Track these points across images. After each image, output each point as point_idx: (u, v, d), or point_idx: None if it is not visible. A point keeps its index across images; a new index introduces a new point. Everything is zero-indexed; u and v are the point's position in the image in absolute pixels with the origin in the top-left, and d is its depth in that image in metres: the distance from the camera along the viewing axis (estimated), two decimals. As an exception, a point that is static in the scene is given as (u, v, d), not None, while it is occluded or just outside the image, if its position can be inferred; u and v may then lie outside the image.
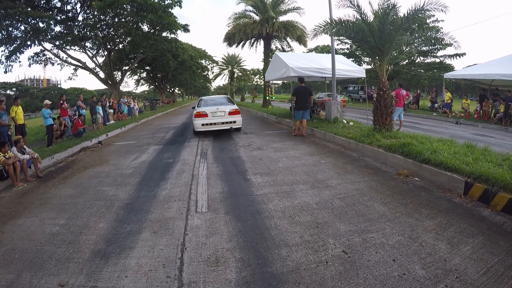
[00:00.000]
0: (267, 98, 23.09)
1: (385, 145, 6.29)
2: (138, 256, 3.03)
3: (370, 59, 8.73)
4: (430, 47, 23.31)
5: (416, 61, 25.80)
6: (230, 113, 10.49)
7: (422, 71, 25.57)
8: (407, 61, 25.00)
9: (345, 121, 10.19)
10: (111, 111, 17.72)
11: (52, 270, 2.88)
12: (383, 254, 2.83)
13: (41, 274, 2.83)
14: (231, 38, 23.29)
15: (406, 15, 6.70)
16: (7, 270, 2.95)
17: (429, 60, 25.52)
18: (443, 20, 22.23)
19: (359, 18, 7.17)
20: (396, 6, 6.67)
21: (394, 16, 6.78)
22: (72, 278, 2.73)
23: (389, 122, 7.59)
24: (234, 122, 10.53)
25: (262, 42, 24.08)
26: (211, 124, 10.31)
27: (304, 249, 2.99)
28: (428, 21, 20.80)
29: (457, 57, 22.91)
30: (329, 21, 7.49)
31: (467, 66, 17.59)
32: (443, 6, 6.31)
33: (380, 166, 5.87)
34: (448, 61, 24.55)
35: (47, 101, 10.74)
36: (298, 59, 11.56)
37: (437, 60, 24.87)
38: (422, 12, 6.57)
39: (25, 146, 7.00)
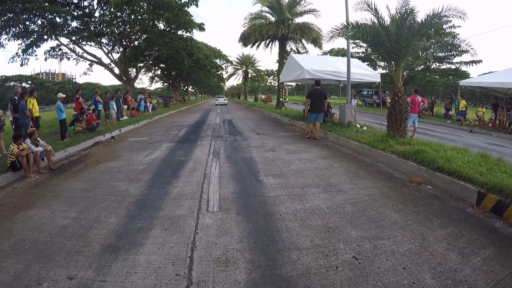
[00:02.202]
0: (281, 99, 23.04)
1: (399, 151, 6.22)
2: (148, 252, 3.04)
3: (385, 63, 8.60)
4: (446, 53, 22.85)
5: (432, 67, 25.34)
6: (224, 100, 42.30)
7: (437, 77, 25.08)
8: (422, 66, 24.57)
9: (359, 126, 10.11)
10: (125, 107, 18.04)
11: (62, 263, 2.90)
12: (394, 262, 2.80)
13: (50, 265, 2.86)
14: (246, 38, 23.34)
15: (423, 20, 6.60)
16: (16, 260, 2.99)
17: (444, 66, 25.04)
18: (459, 26, 21.86)
19: (376, 22, 7.10)
20: (414, 11, 6.57)
21: (411, 21, 6.68)
22: (81, 271, 2.74)
23: (403, 128, 7.49)
24: (225, 103, 40.33)
25: (277, 43, 24.07)
26: (217, 103, 40.08)
27: (314, 253, 2.99)
28: (444, 26, 20.44)
29: (473, 64, 22.48)
30: (345, 24, 7.43)
31: (483, 74, 17.18)
32: (461, 12, 6.20)
33: (393, 173, 5.80)
34: (464, 68, 24.08)
35: (61, 94, 10.92)
36: (314, 62, 11.51)
37: (453, 66, 24.36)
38: (440, 18, 6.45)
39: (38, 139, 7.13)
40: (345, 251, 3.01)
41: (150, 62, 29.11)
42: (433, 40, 7.17)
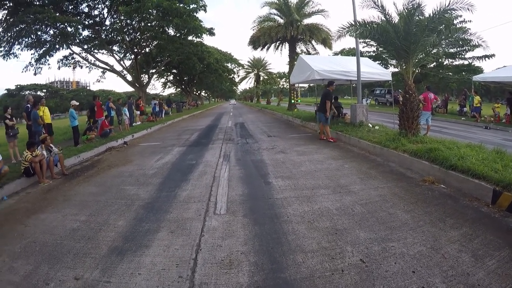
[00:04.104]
0: (292, 101, 22.94)
1: (411, 150, 6.04)
2: (153, 254, 3.07)
3: (395, 61, 8.41)
4: (458, 49, 22.27)
5: (444, 63, 24.69)
6: (234, 102, 73.33)
7: (451, 74, 24.37)
8: (434, 63, 23.98)
9: (371, 125, 9.91)
10: (138, 112, 18.38)
11: (69, 264, 2.97)
12: (403, 265, 2.69)
13: (58, 266, 2.94)
14: (256, 41, 23.40)
15: (431, 15, 6.42)
16: (26, 262, 3.09)
17: (457, 62, 24.37)
18: (470, 21, 21.26)
19: (383, 19, 6.96)
20: (421, 6, 6.40)
21: (419, 17, 6.51)
22: (87, 272, 2.81)
23: (415, 126, 7.29)
24: (235, 103, 66.08)
25: (287, 45, 23.99)
26: (230, 104, 63.20)
27: (320, 256, 2.91)
28: (455, 21, 19.89)
29: (486, 58, 21.71)
30: (352, 22, 7.31)
31: (497, 69, 16.59)
32: (469, 5, 6.00)
33: (405, 172, 5.63)
34: (477, 63, 23.32)
35: (74, 102, 11.19)
36: (323, 62, 11.40)
37: (466, 62, 23.66)
38: (448, 12, 6.27)
39: (51, 145, 7.32)
40: (352, 253, 2.92)
41: (162, 68, 29.58)
42: (443, 35, 6.93)
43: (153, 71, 26.17)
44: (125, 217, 4.11)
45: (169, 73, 37.69)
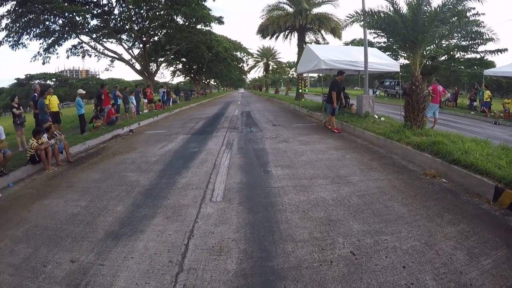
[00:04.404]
0: (300, 91, 22.69)
1: (414, 142, 5.88)
2: (147, 239, 3.13)
3: (402, 51, 8.15)
4: (470, 42, 21.49)
5: (456, 56, 23.96)
6: (243, 91, 70.20)
7: (463, 67, 23.65)
8: (446, 56, 23.29)
9: (377, 116, 9.71)
10: (146, 101, 18.46)
11: (67, 247, 3.07)
12: (394, 259, 2.62)
13: (56, 250, 3.04)
14: (264, 30, 23.12)
15: (440, 5, 6.15)
16: (27, 245, 3.20)
17: (469, 55, 23.60)
18: (483, 14, 20.31)
19: (391, 8, 6.71)
20: None
21: (427, 7, 6.26)
22: (83, 255, 2.90)
23: (420, 118, 7.09)
24: (243, 92, 64.22)
25: (296, 34, 23.64)
26: (239, 92, 61.93)
27: (310, 246, 2.88)
28: (468, 14, 19.20)
29: (499, 52, 20.85)
30: (359, 11, 7.06)
31: (510, 63, 15.97)
32: None
33: (407, 165, 5.51)
34: (489, 57, 22.48)
35: (81, 90, 11.32)
36: (330, 52, 11.14)
37: (478, 56, 22.90)
38: (457, 2, 5.98)
39: (55, 133, 7.40)
40: (343, 245, 2.88)
41: (172, 56, 29.49)
42: (452, 27, 6.62)
43: (162, 59, 26.09)
44: (124, 202, 4.18)
45: (178, 62, 37.58)
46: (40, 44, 17.90)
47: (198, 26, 22.23)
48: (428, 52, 7.38)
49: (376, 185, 4.46)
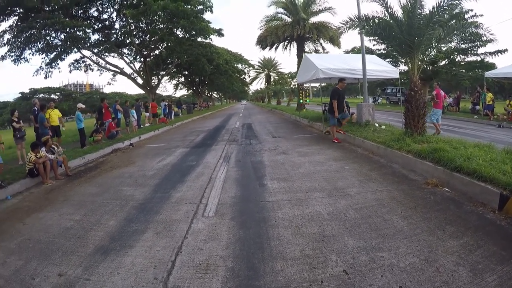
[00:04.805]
0: (301, 101, 22.64)
1: (415, 150, 5.68)
2: (135, 255, 3.09)
3: (399, 56, 8.02)
4: (470, 44, 21.42)
5: (456, 59, 23.83)
6: (245, 102, 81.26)
7: (464, 71, 23.45)
8: (446, 60, 23.18)
9: (377, 125, 9.53)
10: (147, 114, 18.53)
11: (57, 261, 3.08)
12: (390, 279, 2.43)
13: (46, 263, 3.06)
14: (263, 41, 23.25)
15: (435, 7, 6.06)
16: (18, 257, 3.24)
17: (470, 58, 23.46)
18: (482, 15, 20.29)
19: (386, 12, 6.63)
20: None
21: (421, 10, 6.17)
22: (71, 269, 2.90)
23: (421, 125, 6.90)
24: (246, 104, 73.47)
25: (295, 44, 23.71)
26: (242, 104, 74.27)
27: (301, 265, 2.71)
28: (466, 16, 19.17)
29: (499, 54, 20.72)
30: (352, 17, 6.99)
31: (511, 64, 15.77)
32: None
33: (408, 174, 5.30)
34: (490, 59, 22.32)
35: (80, 105, 11.46)
36: (328, 60, 11.08)
37: (478, 58, 22.75)
38: (452, 2, 5.89)
39: (53, 146, 7.46)
40: (336, 263, 2.69)
41: (174, 70, 29.81)
42: (449, 28, 6.50)
43: (163, 73, 26.34)
44: (116, 217, 4.16)
45: (180, 75, 37.96)
46: (42, 59, 18.29)
47: (198, 39, 22.48)
48: (426, 57, 7.25)
49: (375, 197, 4.26)
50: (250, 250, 3.04)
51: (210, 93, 56.88)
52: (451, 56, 23.20)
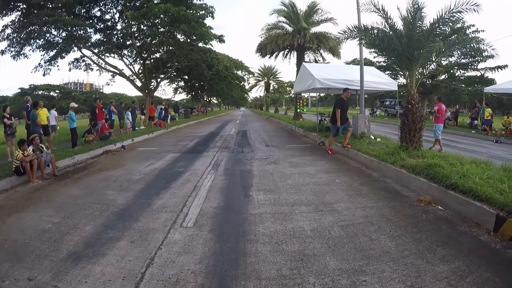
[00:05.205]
0: (298, 110, 22.53)
1: (409, 165, 5.47)
2: (106, 263, 2.97)
3: (400, 70, 7.93)
4: (470, 59, 21.53)
5: (456, 74, 23.92)
6: (244, 109, 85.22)
7: (463, 85, 23.52)
8: (445, 75, 23.25)
9: (373, 137, 9.34)
10: (143, 117, 18.34)
11: (29, 264, 3.00)
12: (370, 307, 2.21)
13: (18, 266, 2.97)
14: (263, 49, 23.26)
15: (436, 19, 5.94)
16: None
17: (469, 73, 23.58)
18: (483, 30, 20.49)
19: (385, 23, 6.51)
20: (423, 8, 5.92)
21: (420, 22, 6.04)
22: (41, 274, 2.81)
23: (417, 139, 6.69)
24: (244, 110, 78.64)
25: (295, 53, 23.72)
26: (241, 111, 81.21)
27: (275, 286, 2.49)
28: (468, 31, 19.42)
29: (499, 69, 20.85)
30: (351, 27, 6.84)
31: (511, 80, 15.76)
32: (475, 5, 5.50)
33: (401, 190, 5.09)
34: (489, 74, 22.45)
35: (73, 104, 11.31)
36: (325, 70, 10.96)
37: (478, 73, 22.88)
38: (453, 14, 5.77)
39: (41, 145, 7.32)
40: (314, 286, 2.47)
41: (174, 73, 29.74)
42: (449, 41, 6.36)
43: (162, 76, 26.22)
44: (95, 222, 4.05)
45: (179, 79, 37.91)
46: (41, 56, 18.18)
47: (200, 44, 22.44)
48: (426, 70, 7.12)
49: (363, 214, 4.04)
50: (224, 266, 2.85)
51: (209, 99, 56.81)
52: (451, 71, 23.27)
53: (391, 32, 6.51)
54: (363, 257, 2.92)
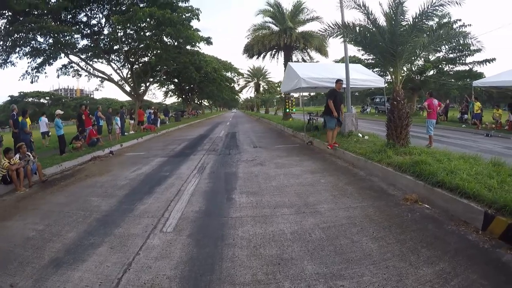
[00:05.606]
0: (287, 110, 22.46)
1: (396, 163, 5.39)
2: (84, 270, 2.99)
3: (383, 67, 7.88)
4: (458, 54, 21.70)
5: (445, 69, 24.11)
6: (235, 111, 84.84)
7: (453, 80, 23.70)
8: (434, 70, 23.40)
9: (361, 135, 9.27)
10: (132, 121, 18.10)
11: (11, 271, 3.04)
12: (346, 313, 2.10)
13: (1, 272, 3.02)
14: (250, 50, 23.18)
15: (418, 13, 5.88)
16: None
17: (458, 68, 23.81)
18: (470, 25, 20.71)
19: (367, 19, 6.43)
20: (405, 2, 5.88)
21: (402, 16, 5.99)
22: (23, 280, 2.86)
23: (404, 136, 6.62)
24: (236, 112, 75.47)
25: (282, 53, 23.68)
26: (232, 112, 78.32)
27: (249, 292, 2.40)
28: (455, 26, 19.50)
29: (486, 63, 21.03)
30: (331, 25, 6.75)
31: (499, 73, 15.91)
32: None
33: (387, 188, 5.00)
34: (478, 68, 22.67)
35: (59, 111, 11.23)
36: (311, 69, 10.90)
37: (467, 68, 23.11)
38: (436, 8, 5.72)
39: (28, 153, 7.26)
40: (288, 292, 2.37)
41: (164, 77, 29.47)
42: (431, 36, 6.31)
43: (151, 80, 25.98)
44: (77, 229, 4.06)
45: (169, 83, 37.63)
46: (28, 63, 17.97)
47: (187, 47, 22.27)
48: (411, 65, 7.09)
49: (347, 215, 3.94)
50: (199, 271, 2.79)
51: (200, 101, 56.52)
52: (439, 66, 23.43)
53: (373, 28, 6.44)
54: (343, 260, 2.81)
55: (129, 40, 19.90)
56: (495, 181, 3.86)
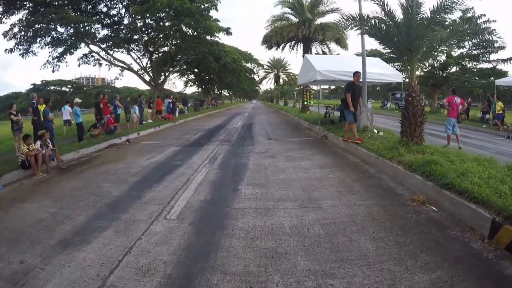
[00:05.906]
0: (305, 103, 22.18)
1: (407, 161, 5.23)
2: (89, 250, 3.14)
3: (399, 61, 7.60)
4: (481, 50, 20.57)
5: (468, 66, 22.93)
6: (255, 101, 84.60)
7: (477, 78, 22.52)
8: (457, 67, 22.31)
9: (376, 131, 9.05)
10: (150, 110, 18.47)
11: (23, 249, 3.24)
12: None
13: (13, 250, 3.23)
14: (268, 41, 23.01)
15: (436, 6, 5.59)
16: None
17: (481, 65, 22.54)
18: (495, 21, 19.43)
19: (383, 12, 6.19)
20: None
21: (418, 9, 5.70)
22: (32, 258, 3.05)
23: (418, 133, 6.38)
24: (255, 103, 77.67)
25: (301, 45, 23.29)
26: (252, 103, 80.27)
27: (238, 282, 2.46)
28: (479, 21, 18.42)
29: (511, 61, 19.87)
30: (346, 17, 6.56)
31: None
32: None
33: (395, 187, 4.87)
34: (502, 66, 21.36)
35: (77, 100, 11.71)
36: (328, 62, 10.66)
37: (490, 65, 21.85)
38: (454, 1, 5.40)
39: (48, 140, 7.54)
40: (277, 285, 2.39)
41: (184, 67, 29.75)
42: (449, 30, 5.97)
43: (171, 69, 26.29)
44: (87, 213, 4.22)
45: (189, 72, 37.96)
46: (49, 53, 18.54)
47: (207, 37, 22.33)
48: (430, 60, 6.81)
49: (349, 212, 3.87)
50: (194, 258, 2.89)
51: (220, 91, 56.66)
52: (462, 62, 22.35)
53: (389, 21, 6.20)
54: (337, 259, 2.79)
55: (149, 30, 20.16)
56: (507, 187, 3.60)
